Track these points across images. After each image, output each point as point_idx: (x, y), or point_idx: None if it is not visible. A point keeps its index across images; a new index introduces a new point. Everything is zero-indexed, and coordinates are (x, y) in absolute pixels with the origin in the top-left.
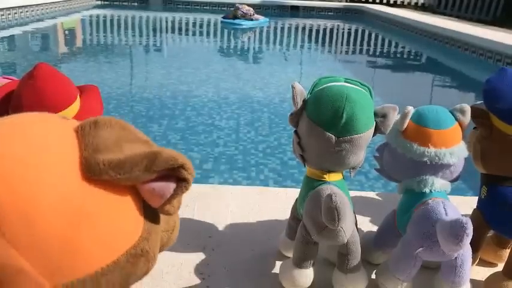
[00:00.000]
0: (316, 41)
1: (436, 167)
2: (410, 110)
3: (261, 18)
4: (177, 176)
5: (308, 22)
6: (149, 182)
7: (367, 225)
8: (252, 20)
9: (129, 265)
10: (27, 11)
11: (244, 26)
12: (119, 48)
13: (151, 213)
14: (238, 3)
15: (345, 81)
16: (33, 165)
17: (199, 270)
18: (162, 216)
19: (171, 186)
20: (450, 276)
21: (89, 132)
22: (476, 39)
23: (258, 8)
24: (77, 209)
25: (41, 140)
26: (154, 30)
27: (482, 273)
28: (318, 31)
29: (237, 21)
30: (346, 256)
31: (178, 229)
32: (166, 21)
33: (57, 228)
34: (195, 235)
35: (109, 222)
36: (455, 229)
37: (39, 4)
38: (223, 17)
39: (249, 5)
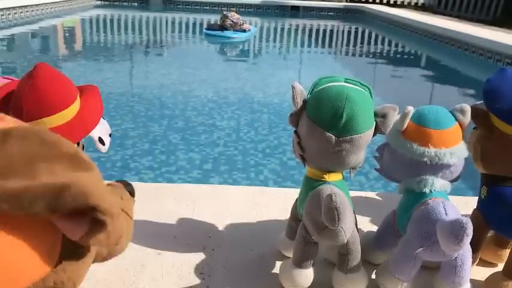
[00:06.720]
0: (316, 41)
1: (436, 167)
2: (411, 110)
3: (251, 27)
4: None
5: (308, 22)
6: (60, 218)
7: (367, 225)
8: (244, 31)
9: None
10: (27, 11)
11: (235, 39)
12: (119, 48)
13: (71, 243)
14: (226, 11)
15: (345, 81)
16: None
17: (199, 270)
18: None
19: (82, 227)
20: (450, 276)
21: None
22: (476, 39)
23: (259, 8)
24: None
25: None
26: (154, 30)
27: (482, 273)
28: (318, 31)
29: (226, 33)
30: (346, 256)
31: (131, 235)
32: (166, 21)
33: None
34: (195, 235)
35: (5, 255)
36: (455, 229)
37: (39, 4)
38: (208, 28)
39: (249, 5)
